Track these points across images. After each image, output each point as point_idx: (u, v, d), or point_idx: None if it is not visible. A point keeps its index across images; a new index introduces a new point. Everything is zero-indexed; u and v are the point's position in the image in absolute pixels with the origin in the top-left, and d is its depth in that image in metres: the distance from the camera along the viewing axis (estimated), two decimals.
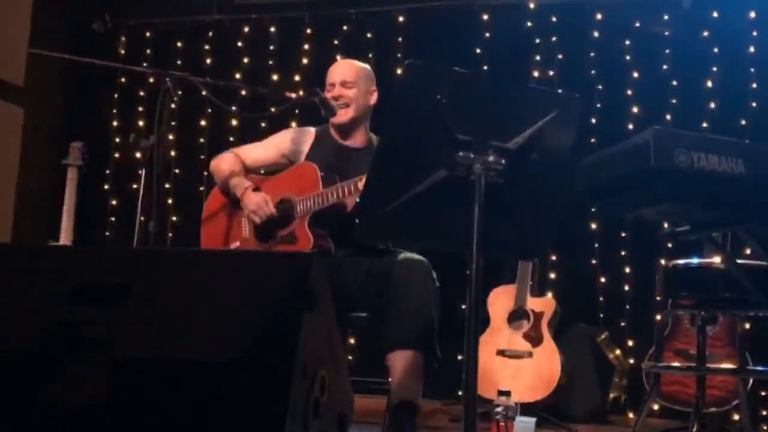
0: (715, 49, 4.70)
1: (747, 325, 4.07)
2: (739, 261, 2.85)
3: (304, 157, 3.22)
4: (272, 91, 4.80)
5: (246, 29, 5.52)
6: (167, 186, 5.33)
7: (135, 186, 5.26)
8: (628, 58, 4.85)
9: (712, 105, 4.67)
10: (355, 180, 2.86)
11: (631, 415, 4.34)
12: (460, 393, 3.97)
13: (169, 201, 5.39)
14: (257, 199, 3.08)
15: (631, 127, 4.71)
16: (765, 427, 4.15)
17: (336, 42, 5.30)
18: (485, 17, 5.11)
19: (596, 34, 4.93)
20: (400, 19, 5.23)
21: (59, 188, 3.98)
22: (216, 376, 1.64)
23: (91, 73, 5.36)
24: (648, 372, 3.88)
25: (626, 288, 4.66)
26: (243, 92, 5.19)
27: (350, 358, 4.66)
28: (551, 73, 4.94)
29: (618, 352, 4.45)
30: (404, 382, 2.75)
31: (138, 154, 5.34)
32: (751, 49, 4.67)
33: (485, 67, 5.02)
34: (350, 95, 3.16)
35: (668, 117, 4.70)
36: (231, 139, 5.26)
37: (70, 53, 3.81)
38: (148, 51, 5.66)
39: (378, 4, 5.26)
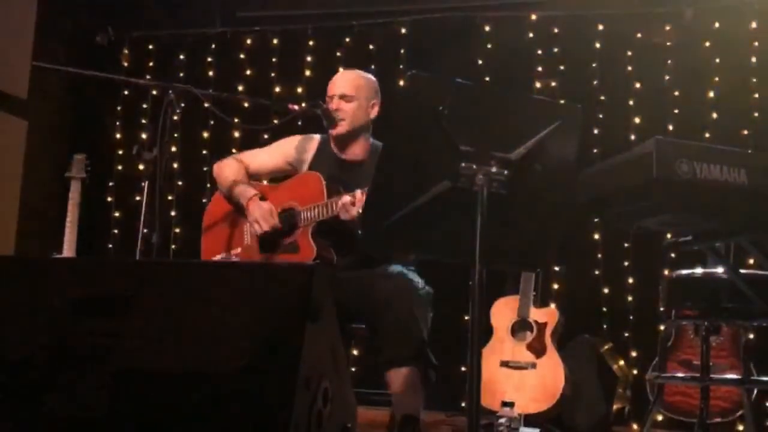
0: (717, 60, 4.71)
1: (751, 335, 4.06)
2: (742, 271, 2.84)
3: (307, 166, 3.22)
4: (275, 103, 4.80)
5: (248, 41, 5.54)
6: (170, 198, 5.34)
7: (138, 198, 5.26)
8: (629, 68, 4.85)
9: (714, 115, 4.67)
10: (360, 192, 2.86)
11: (635, 426, 4.33)
12: (463, 404, 3.98)
13: (172, 213, 5.40)
14: (262, 210, 3.08)
15: (633, 137, 4.72)
16: None
17: (338, 54, 5.32)
18: (487, 28, 5.13)
19: (598, 45, 4.94)
20: (403, 30, 5.25)
21: (62, 200, 3.98)
22: (218, 387, 1.64)
23: (94, 86, 5.39)
24: (652, 382, 3.86)
25: (630, 298, 4.66)
26: (245, 104, 5.20)
27: (353, 369, 4.65)
28: (553, 83, 4.95)
29: (622, 362, 4.43)
30: (403, 399, 2.80)
31: (141, 166, 5.36)
32: (753, 59, 4.68)
33: (487, 78, 5.02)
34: (346, 109, 3.13)
35: (670, 127, 4.71)
36: (233, 150, 5.26)
37: (74, 66, 3.82)
38: (151, 63, 5.68)
39: (380, 15, 5.27)
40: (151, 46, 5.70)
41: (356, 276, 2.96)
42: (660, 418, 4.14)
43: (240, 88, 5.45)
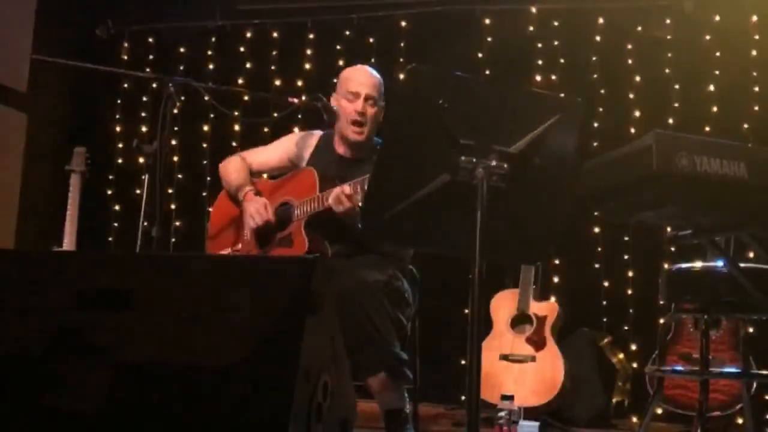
0: (717, 53, 4.70)
1: (750, 329, 4.06)
2: (742, 264, 2.84)
3: (305, 163, 3.23)
4: (275, 97, 4.80)
5: (248, 34, 5.53)
6: (170, 191, 5.34)
7: (138, 191, 5.26)
8: (630, 61, 4.85)
9: (714, 108, 4.67)
10: (354, 182, 2.84)
11: (634, 419, 4.34)
12: (463, 397, 3.99)
13: (172, 206, 5.40)
14: (256, 204, 3.11)
15: (633, 130, 4.72)
16: None
17: (338, 47, 5.31)
18: (487, 22, 5.12)
19: (598, 38, 4.93)
20: (403, 24, 5.24)
21: (62, 194, 3.98)
22: (218, 381, 1.64)
23: (94, 79, 5.37)
24: (651, 376, 3.87)
25: (629, 292, 4.66)
26: (245, 97, 5.19)
27: None
28: (553, 77, 4.95)
29: (621, 356, 4.44)
30: (384, 399, 2.85)
31: (141, 160, 5.38)
32: (753, 52, 4.67)
33: (487, 72, 5.02)
34: (370, 115, 3.10)
35: (670, 121, 4.70)
36: (233, 144, 5.27)
37: (73, 59, 3.81)
38: (151, 56, 5.67)
39: (380, 8, 5.26)
40: (150, 39, 5.70)
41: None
42: (659, 411, 4.14)
43: (240, 81, 5.45)
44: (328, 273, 2.77)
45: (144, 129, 5.56)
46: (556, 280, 4.73)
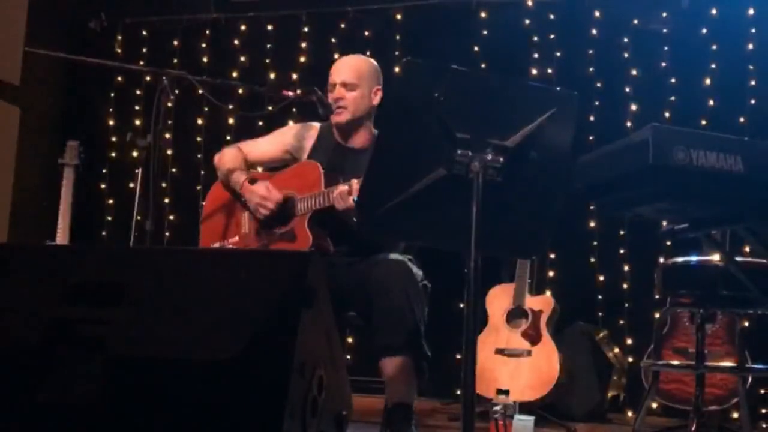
0: (714, 47, 4.69)
1: (746, 323, 4.06)
2: (738, 258, 2.84)
3: (307, 154, 3.20)
4: (269, 90, 4.78)
5: (243, 27, 5.52)
6: (164, 185, 5.33)
7: (132, 185, 5.24)
8: (626, 55, 4.84)
9: (711, 102, 4.66)
10: (356, 181, 2.83)
11: (630, 414, 4.34)
12: (458, 392, 3.99)
13: (166, 200, 5.38)
14: (260, 191, 3.06)
15: (629, 124, 4.71)
16: (764, 425, 4.15)
17: (333, 40, 5.29)
18: (483, 15, 5.10)
19: (595, 31, 4.92)
20: (398, 16, 5.23)
21: (56, 187, 3.97)
22: (213, 375, 1.63)
23: (88, 72, 5.35)
24: (647, 370, 3.87)
25: (625, 286, 4.66)
26: (240, 91, 5.18)
27: (349, 357, 4.65)
28: (549, 70, 4.94)
29: (617, 350, 4.44)
30: (396, 387, 2.79)
31: (135, 153, 5.37)
32: (750, 46, 4.67)
33: (483, 65, 5.01)
34: (348, 98, 3.09)
35: (667, 114, 4.70)
36: (228, 137, 5.25)
37: (67, 52, 3.80)
38: (145, 49, 5.64)
39: (375, 1, 5.24)
40: (144, 32, 5.67)
41: (353, 262, 2.95)
42: (655, 405, 4.15)
43: (234, 74, 5.42)
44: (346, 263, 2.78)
45: (138, 122, 5.54)
46: (551, 274, 4.72)
